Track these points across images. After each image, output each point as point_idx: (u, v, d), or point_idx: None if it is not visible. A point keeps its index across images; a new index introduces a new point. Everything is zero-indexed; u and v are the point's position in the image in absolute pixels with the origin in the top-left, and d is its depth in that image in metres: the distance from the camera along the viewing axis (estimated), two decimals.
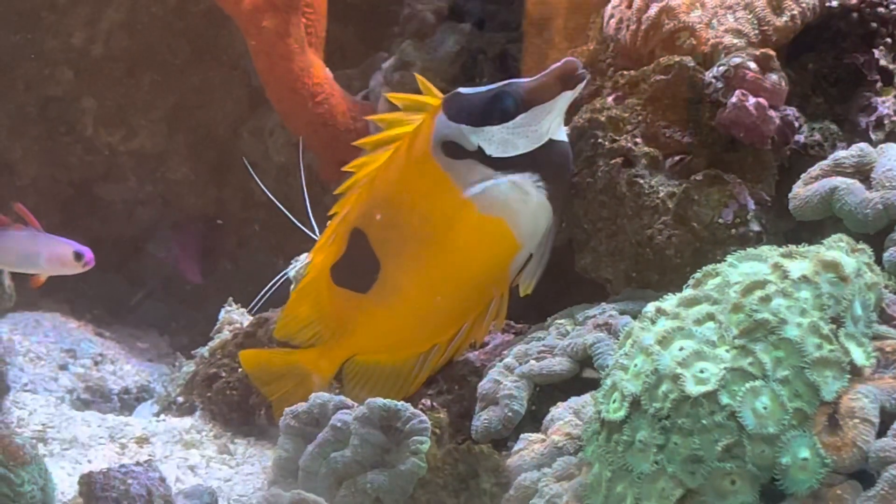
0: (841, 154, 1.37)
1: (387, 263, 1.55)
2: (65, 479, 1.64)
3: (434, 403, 1.51)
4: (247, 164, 1.94)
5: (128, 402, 2.21)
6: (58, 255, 1.77)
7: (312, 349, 1.61)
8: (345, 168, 1.60)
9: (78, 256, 1.76)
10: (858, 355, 1.11)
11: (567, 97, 1.47)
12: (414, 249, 1.52)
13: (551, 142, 1.48)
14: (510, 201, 1.48)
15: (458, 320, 1.55)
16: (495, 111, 1.47)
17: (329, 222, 1.62)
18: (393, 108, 1.60)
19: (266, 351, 1.75)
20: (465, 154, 1.49)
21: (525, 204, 1.49)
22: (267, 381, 1.63)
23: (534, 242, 1.51)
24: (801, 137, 1.52)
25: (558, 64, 1.46)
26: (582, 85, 1.46)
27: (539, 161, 1.48)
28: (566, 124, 1.57)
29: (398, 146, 1.54)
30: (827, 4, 1.56)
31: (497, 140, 1.47)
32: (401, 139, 1.54)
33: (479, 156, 1.48)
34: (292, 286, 1.76)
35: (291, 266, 1.83)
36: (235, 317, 2.06)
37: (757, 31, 1.52)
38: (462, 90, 1.51)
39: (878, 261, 1.24)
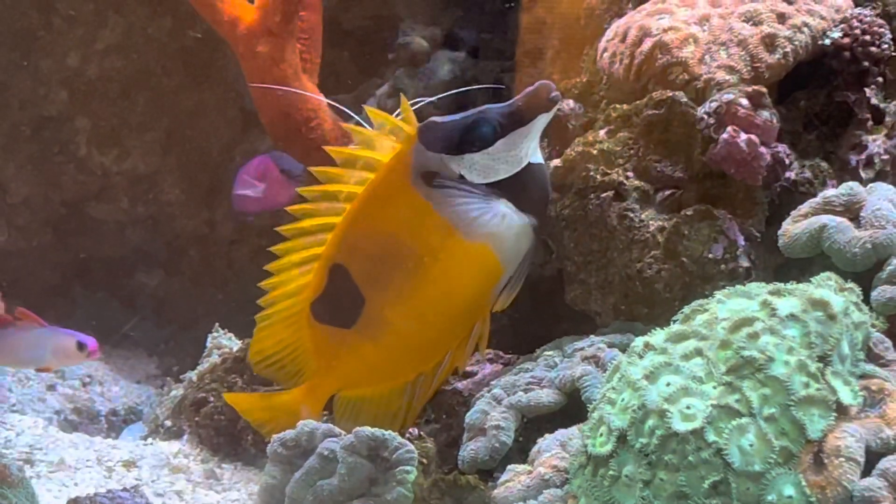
0: (830, 192, 1.38)
1: (371, 297, 1.54)
2: (51, 502, 1.63)
3: (421, 432, 1.51)
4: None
5: (115, 423, 2.21)
6: (62, 349, 1.81)
7: (297, 388, 1.61)
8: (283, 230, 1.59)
9: (81, 346, 1.81)
10: (845, 394, 1.12)
11: (543, 120, 1.47)
12: (400, 281, 1.52)
13: (530, 165, 1.49)
14: (494, 227, 1.49)
15: (443, 348, 1.55)
16: (474, 138, 1.47)
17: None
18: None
19: (251, 395, 1.76)
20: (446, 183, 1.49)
21: (508, 228, 1.49)
22: (259, 420, 1.62)
23: (516, 265, 1.52)
24: (791, 174, 1.52)
25: (532, 87, 1.47)
26: (557, 107, 1.47)
27: (520, 185, 1.48)
28: (558, 156, 1.57)
29: (372, 181, 1.53)
30: (819, 43, 1.56)
31: (478, 167, 1.48)
32: (367, 161, 1.53)
33: (461, 183, 1.49)
34: None
35: None
36: (224, 342, 2.05)
37: (749, 68, 1.53)
38: (436, 119, 1.50)
39: (866, 299, 1.25)
